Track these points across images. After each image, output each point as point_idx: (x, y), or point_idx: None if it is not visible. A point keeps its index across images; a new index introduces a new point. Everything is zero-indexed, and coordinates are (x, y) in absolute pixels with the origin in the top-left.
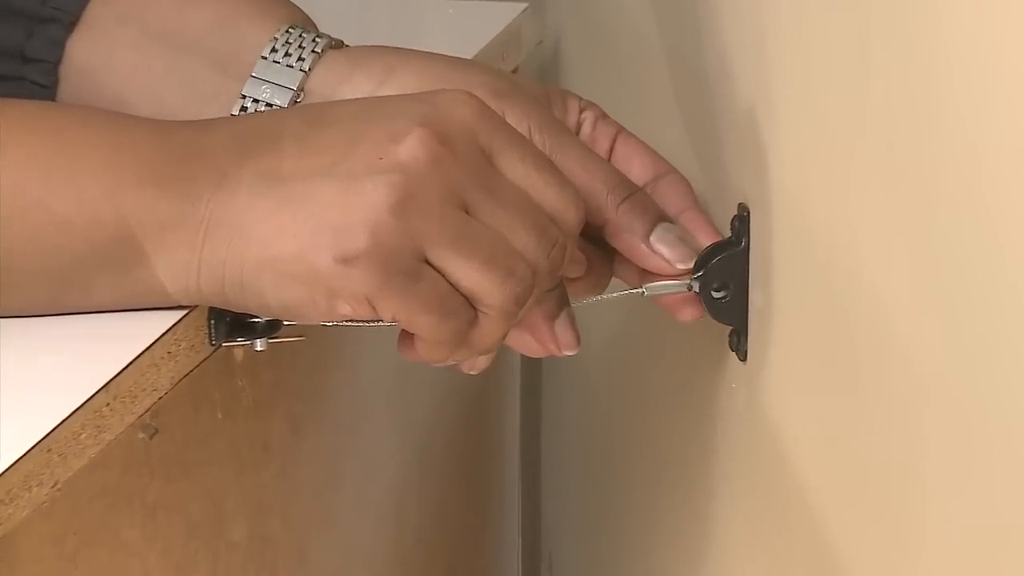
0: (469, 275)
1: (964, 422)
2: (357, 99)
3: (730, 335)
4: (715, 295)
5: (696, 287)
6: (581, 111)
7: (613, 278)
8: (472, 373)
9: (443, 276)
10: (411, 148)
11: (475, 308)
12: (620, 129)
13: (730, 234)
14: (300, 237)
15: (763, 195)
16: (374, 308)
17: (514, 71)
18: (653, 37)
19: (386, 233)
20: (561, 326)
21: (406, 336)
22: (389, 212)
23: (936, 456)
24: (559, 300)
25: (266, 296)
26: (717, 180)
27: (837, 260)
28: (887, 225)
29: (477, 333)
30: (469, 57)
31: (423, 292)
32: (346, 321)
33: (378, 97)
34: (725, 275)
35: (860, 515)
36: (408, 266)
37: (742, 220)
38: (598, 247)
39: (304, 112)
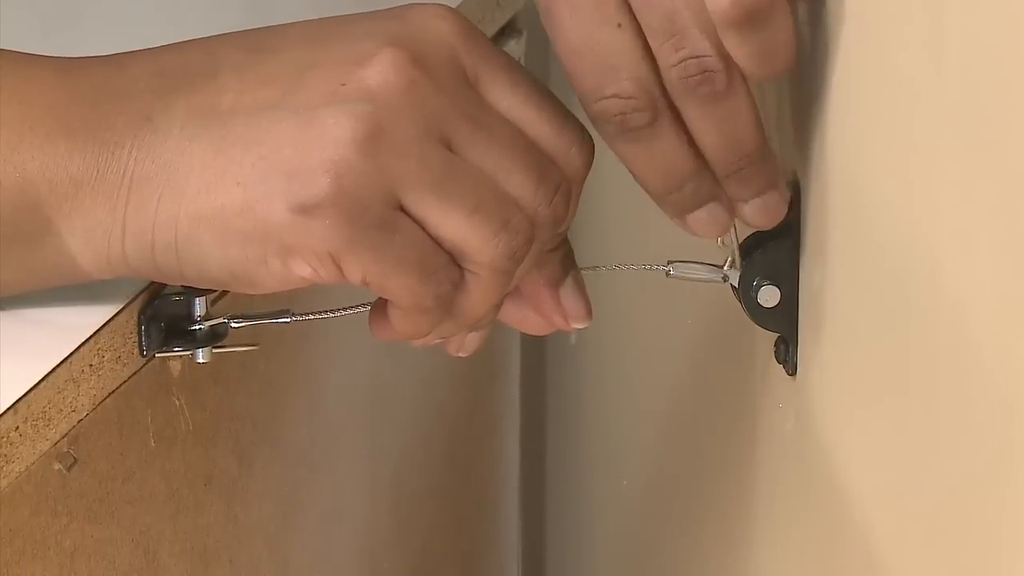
0: (454, 226)
1: None
2: (308, 21)
3: (776, 343)
4: (757, 293)
5: (733, 280)
6: None
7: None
8: (462, 355)
9: (422, 227)
10: (380, 72)
11: (461, 267)
12: None
13: None
14: (247, 184)
15: (818, 165)
16: (339, 268)
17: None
18: None
19: (352, 175)
20: (568, 293)
21: (379, 310)
22: (355, 149)
23: None
24: (564, 262)
25: (207, 260)
26: None
27: (912, 250)
28: (977, 205)
29: (465, 299)
30: None
31: (399, 247)
32: (311, 314)
33: (334, 17)
34: (770, 268)
35: (938, 571)
36: (380, 215)
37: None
38: None
39: (243, 38)
